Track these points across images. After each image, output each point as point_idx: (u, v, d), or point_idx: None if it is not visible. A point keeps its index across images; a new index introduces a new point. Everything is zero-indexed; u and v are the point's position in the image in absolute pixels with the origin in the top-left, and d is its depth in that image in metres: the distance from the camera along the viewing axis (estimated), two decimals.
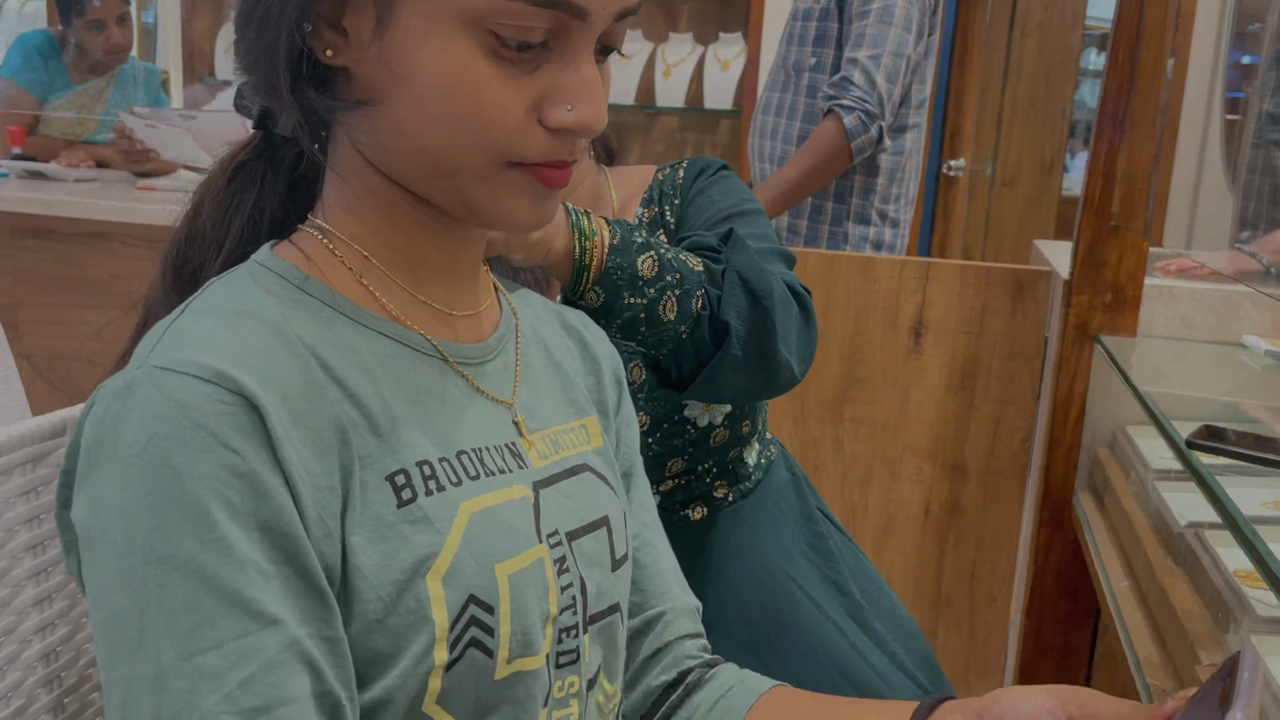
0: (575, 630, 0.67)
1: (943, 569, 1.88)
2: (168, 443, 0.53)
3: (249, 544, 0.53)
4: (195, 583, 0.52)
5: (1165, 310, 1.73)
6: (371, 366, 0.61)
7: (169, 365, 0.55)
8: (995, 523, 1.86)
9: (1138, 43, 1.59)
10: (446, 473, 0.62)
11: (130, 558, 0.53)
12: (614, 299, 0.89)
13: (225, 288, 0.62)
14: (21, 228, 2.39)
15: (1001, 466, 1.84)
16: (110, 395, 0.56)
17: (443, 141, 0.59)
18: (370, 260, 0.64)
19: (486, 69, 0.57)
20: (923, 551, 1.88)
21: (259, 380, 0.55)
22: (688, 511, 1.10)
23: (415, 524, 0.59)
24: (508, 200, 0.61)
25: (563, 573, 0.66)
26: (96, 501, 0.54)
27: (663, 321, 0.91)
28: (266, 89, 0.63)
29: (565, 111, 0.59)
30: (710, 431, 1.08)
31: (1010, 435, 1.83)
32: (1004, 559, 1.87)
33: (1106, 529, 1.51)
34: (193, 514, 0.52)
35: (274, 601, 0.53)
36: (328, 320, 0.61)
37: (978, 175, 3.76)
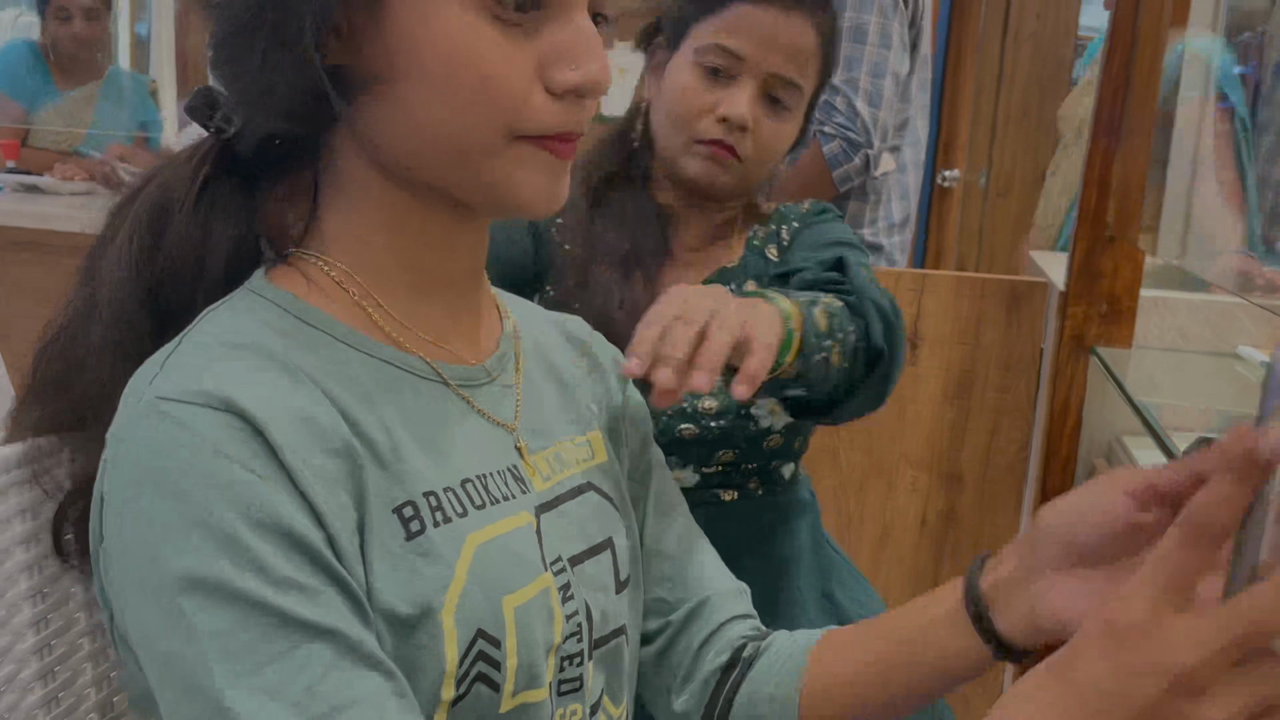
0: (580, 658, 0.66)
1: (939, 579, 1.88)
2: (183, 470, 0.52)
3: (284, 561, 0.52)
4: (239, 605, 0.51)
5: (1161, 322, 1.73)
6: (374, 396, 0.60)
7: (171, 395, 0.54)
8: (992, 533, 1.86)
9: (1132, 52, 1.60)
10: (452, 503, 0.61)
11: (167, 596, 0.52)
12: (806, 365, 0.91)
13: (223, 318, 0.60)
14: (15, 241, 2.38)
15: (998, 477, 1.84)
16: (115, 440, 0.55)
17: (452, 118, 0.58)
18: (371, 279, 0.63)
19: (487, 34, 0.57)
20: (919, 561, 1.88)
21: (265, 408, 0.54)
22: (719, 491, 1.14)
23: (425, 557, 0.58)
24: (519, 177, 0.60)
25: (568, 600, 0.65)
26: (124, 554, 0.54)
27: (836, 368, 0.95)
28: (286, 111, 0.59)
29: (571, 71, 0.59)
30: (767, 435, 1.12)
31: (1006, 446, 1.83)
32: None
33: None
34: (222, 538, 0.52)
35: (321, 613, 0.53)
36: (328, 349, 0.60)
37: (971, 185, 3.77)
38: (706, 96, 1.09)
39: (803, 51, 1.09)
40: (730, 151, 1.09)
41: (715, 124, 1.09)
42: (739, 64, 1.08)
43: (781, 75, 1.09)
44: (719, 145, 1.09)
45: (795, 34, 1.09)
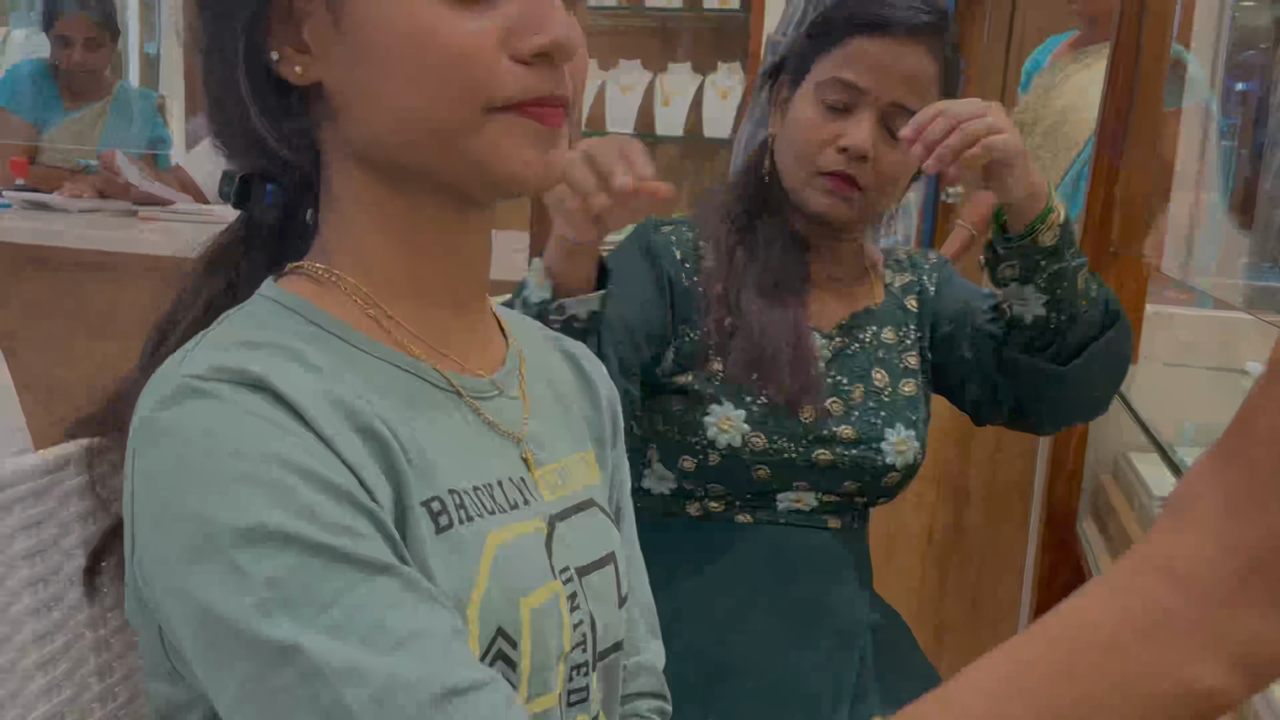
0: (585, 668, 0.66)
1: (945, 593, 1.87)
2: (224, 432, 0.53)
3: (336, 509, 0.53)
4: (293, 549, 0.51)
5: (1167, 336, 1.73)
6: (393, 395, 0.61)
7: (202, 374, 0.55)
8: (998, 547, 1.85)
9: (1135, 67, 1.60)
10: (473, 504, 0.61)
11: (220, 554, 0.51)
12: (1066, 245, 1.10)
13: (242, 321, 0.61)
14: (24, 258, 2.39)
15: (1004, 492, 1.84)
16: (146, 424, 0.55)
17: (423, 100, 0.58)
18: (375, 288, 0.64)
19: (444, 11, 0.57)
20: (925, 576, 1.87)
21: (295, 388, 0.55)
22: (828, 517, 1.18)
23: (453, 551, 0.59)
24: (507, 151, 0.59)
25: (575, 609, 0.66)
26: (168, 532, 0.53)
27: (1079, 286, 1.11)
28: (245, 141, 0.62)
29: (535, 36, 0.58)
30: (887, 471, 1.16)
31: (1012, 459, 1.83)
32: (1007, 584, 1.86)
33: (1111, 556, 1.50)
34: (270, 489, 0.52)
35: (376, 552, 0.53)
36: (345, 353, 0.61)
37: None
38: (827, 129, 1.12)
39: (920, 79, 1.11)
40: (852, 184, 1.12)
41: (836, 155, 1.11)
42: (858, 95, 1.11)
43: (901, 104, 1.11)
44: (840, 178, 1.12)
45: (912, 62, 1.11)
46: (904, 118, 1.09)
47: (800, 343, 1.12)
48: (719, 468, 1.13)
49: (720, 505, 1.16)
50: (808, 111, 1.14)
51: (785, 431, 1.12)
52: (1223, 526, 0.38)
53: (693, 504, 1.17)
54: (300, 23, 0.60)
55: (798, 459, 1.13)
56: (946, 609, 1.88)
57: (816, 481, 1.15)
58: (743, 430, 1.11)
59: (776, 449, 1.12)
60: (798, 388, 1.11)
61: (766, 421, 1.12)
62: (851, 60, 1.12)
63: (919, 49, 1.11)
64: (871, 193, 1.13)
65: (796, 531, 1.16)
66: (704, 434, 1.12)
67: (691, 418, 1.12)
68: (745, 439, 1.11)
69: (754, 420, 1.12)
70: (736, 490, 1.15)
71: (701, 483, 1.15)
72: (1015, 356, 1.16)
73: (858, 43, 1.12)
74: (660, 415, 1.15)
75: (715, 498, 1.16)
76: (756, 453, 1.12)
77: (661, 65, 3.55)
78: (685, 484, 1.16)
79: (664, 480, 1.17)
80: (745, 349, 1.11)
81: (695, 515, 1.17)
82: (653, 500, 1.18)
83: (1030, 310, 1.13)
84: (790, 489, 1.15)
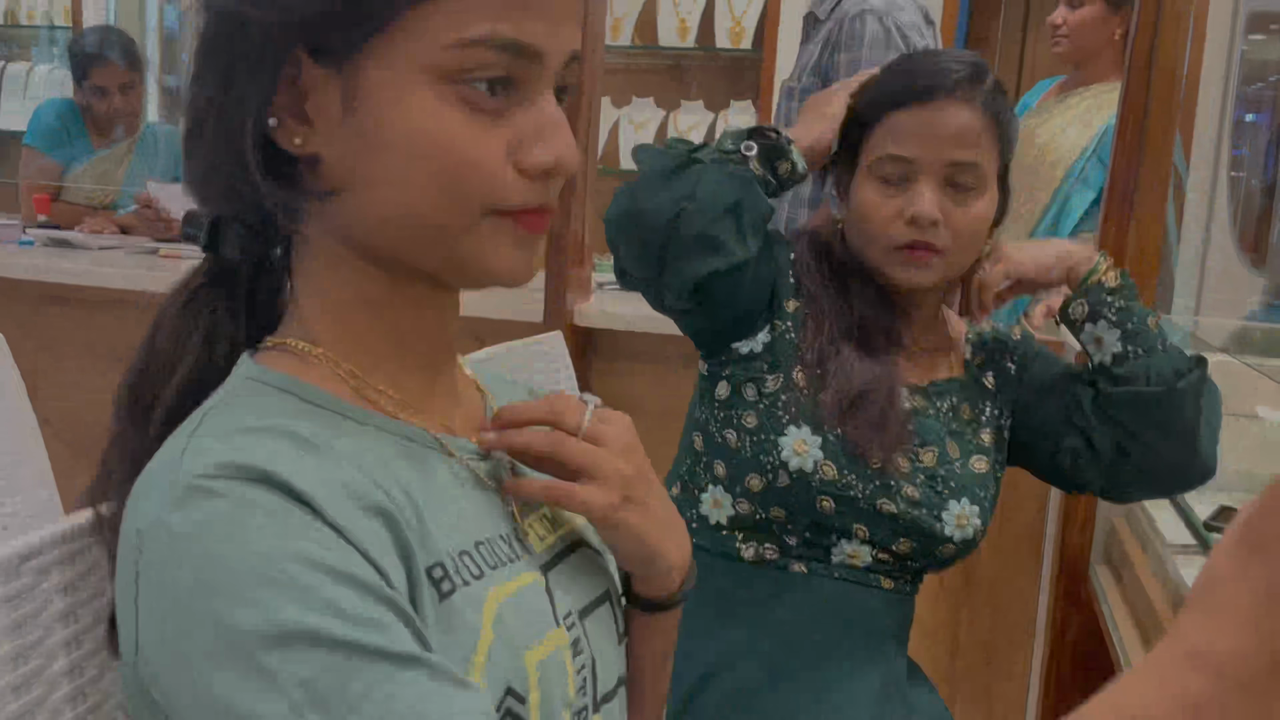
0: (586, 712, 0.67)
1: (958, 642, 1.87)
2: (241, 534, 0.52)
3: (358, 601, 0.52)
4: (322, 648, 0.51)
5: None
6: (389, 464, 0.61)
7: (207, 473, 0.54)
8: (1010, 595, 1.85)
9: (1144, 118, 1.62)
10: (470, 565, 0.62)
11: (244, 658, 0.51)
12: (1128, 284, 1.18)
13: (229, 414, 0.60)
14: (45, 295, 2.42)
15: (1016, 538, 1.84)
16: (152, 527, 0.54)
17: (427, 201, 0.59)
18: (353, 356, 0.64)
19: (459, 118, 0.59)
20: (937, 624, 1.87)
21: (299, 477, 0.55)
22: (881, 577, 1.19)
23: (457, 616, 0.59)
24: (491, 251, 0.61)
25: (578, 654, 0.67)
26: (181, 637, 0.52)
27: (1149, 324, 1.17)
28: (226, 194, 0.62)
29: (539, 152, 0.60)
30: (943, 541, 1.17)
31: (1024, 505, 1.83)
32: (1020, 632, 1.86)
33: (1125, 604, 1.50)
34: (292, 588, 0.51)
35: (402, 644, 0.53)
36: (338, 425, 0.61)
37: None
38: (891, 204, 1.14)
39: (967, 133, 1.13)
40: (928, 249, 1.13)
41: (906, 227, 1.13)
42: (910, 166, 1.13)
43: (955, 161, 1.13)
44: (916, 248, 1.14)
45: (953, 120, 1.13)
46: (963, 172, 1.13)
47: (891, 395, 1.14)
48: (786, 490, 1.13)
49: (775, 550, 1.17)
50: (868, 192, 1.16)
51: (855, 469, 1.13)
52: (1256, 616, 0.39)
53: (748, 544, 1.17)
54: (306, 94, 0.60)
55: (862, 500, 1.14)
56: (959, 657, 1.88)
57: (874, 532, 1.15)
58: (816, 457, 1.12)
59: (845, 484, 1.13)
60: (881, 437, 1.13)
61: (839, 454, 1.13)
62: (895, 134, 1.14)
63: (957, 105, 1.12)
64: (951, 254, 1.15)
65: (850, 587, 1.17)
66: (777, 453, 1.13)
67: (766, 435, 1.14)
68: (818, 465, 1.12)
69: (829, 449, 1.13)
70: (797, 521, 1.15)
71: (764, 507, 1.15)
72: (1110, 391, 1.17)
73: (896, 117, 1.14)
74: (734, 430, 1.16)
75: (772, 535, 1.16)
76: (825, 481, 1.13)
77: (674, 103, 3.58)
78: (744, 509, 1.16)
79: (720, 507, 1.18)
80: (842, 389, 1.13)
81: (749, 559, 1.18)
82: (706, 534, 1.18)
83: (1108, 348, 1.16)
84: (850, 535, 1.15)
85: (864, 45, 1.88)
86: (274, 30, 0.58)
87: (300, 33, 0.58)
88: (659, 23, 3.51)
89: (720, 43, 3.48)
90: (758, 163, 1.14)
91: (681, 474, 1.23)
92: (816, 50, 2.00)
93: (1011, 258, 1.18)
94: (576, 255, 2.12)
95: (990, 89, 1.14)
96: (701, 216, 1.07)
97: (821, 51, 1.97)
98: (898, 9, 1.91)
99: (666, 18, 3.50)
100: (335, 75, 0.59)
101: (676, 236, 1.08)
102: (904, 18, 1.91)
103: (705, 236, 1.08)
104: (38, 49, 4.18)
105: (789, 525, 1.16)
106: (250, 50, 0.58)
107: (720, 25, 3.45)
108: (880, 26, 1.87)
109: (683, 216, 1.07)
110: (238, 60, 0.59)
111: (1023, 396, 1.24)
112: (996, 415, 1.23)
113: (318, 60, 0.59)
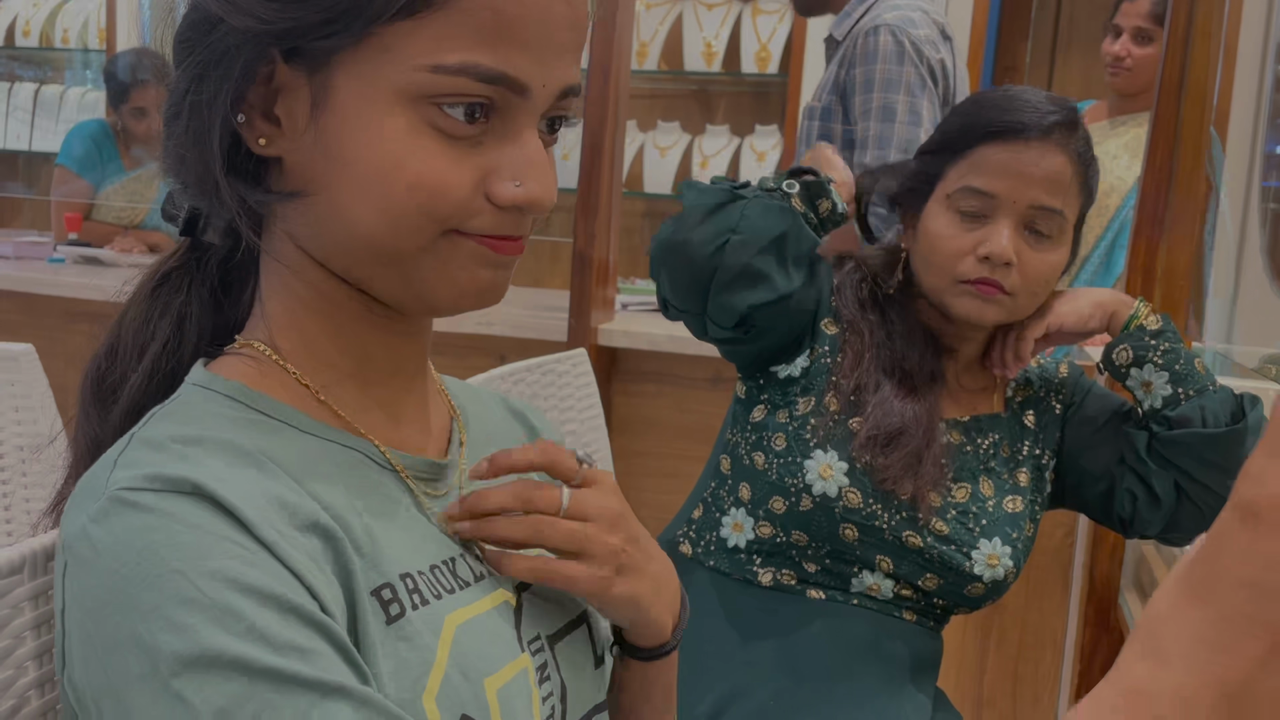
0: None
1: (985, 668, 1.84)
2: (163, 550, 0.50)
3: (282, 625, 0.50)
4: (240, 675, 0.48)
5: None
6: (336, 480, 0.59)
7: (134, 485, 0.52)
8: (1038, 620, 1.82)
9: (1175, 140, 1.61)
10: (429, 586, 0.59)
11: (159, 683, 0.48)
12: (1171, 328, 1.17)
13: (173, 417, 0.58)
14: (75, 311, 2.45)
15: (1044, 563, 1.81)
16: (77, 539, 0.52)
17: (385, 224, 0.56)
18: (316, 365, 0.62)
19: (429, 145, 0.56)
20: (964, 649, 1.84)
21: (231, 489, 0.52)
22: (904, 611, 1.18)
23: (406, 640, 0.56)
24: (456, 271, 0.58)
25: (544, 681, 0.64)
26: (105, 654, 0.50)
27: (1196, 366, 1.15)
28: (197, 185, 0.60)
29: (514, 187, 0.58)
30: (972, 580, 1.15)
31: (1052, 529, 1.81)
32: (1048, 658, 1.83)
33: None
34: (213, 610, 0.49)
35: (327, 671, 0.50)
36: (285, 436, 0.59)
37: None
38: (966, 239, 1.11)
39: (1057, 179, 1.10)
40: (997, 288, 1.11)
41: (978, 264, 1.11)
42: (992, 203, 1.10)
43: (1040, 205, 1.10)
44: (984, 283, 1.11)
45: (1045, 164, 1.09)
46: (1044, 219, 1.10)
47: (930, 435, 1.12)
48: (808, 514, 1.12)
49: (793, 576, 1.16)
50: (943, 224, 1.13)
51: (881, 498, 1.12)
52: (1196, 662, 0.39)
53: (765, 569, 1.16)
54: (277, 94, 0.58)
55: (887, 531, 1.12)
56: (986, 684, 1.85)
57: (899, 565, 1.14)
58: (841, 483, 1.11)
59: (869, 513, 1.12)
60: (915, 477, 1.11)
61: (865, 482, 1.12)
62: (981, 167, 1.10)
63: (1051, 149, 1.09)
64: (1020, 297, 1.12)
65: (870, 616, 1.15)
66: (802, 476, 1.12)
67: (793, 458, 1.13)
68: (842, 491, 1.11)
69: (855, 476, 1.12)
70: (817, 547, 1.14)
71: (785, 530, 1.14)
72: (1166, 435, 1.15)
73: (987, 149, 1.10)
74: (763, 452, 1.15)
75: (791, 561, 1.15)
76: (849, 509, 1.12)
77: (700, 127, 3.59)
78: (765, 531, 1.15)
79: (741, 531, 1.17)
80: (879, 425, 1.12)
81: (765, 584, 1.17)
82: (724, 557, 1.18)
83: (1158, 392, 1.15)
84: (872, 566, 1.14)
85: (878, 59, 1.88)
86: (249, 33, 0.56)
87: (275, 38, 0.56)
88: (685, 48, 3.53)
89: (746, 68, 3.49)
90: (800, 200, 1.14)
91: (704, 497, 1.22)
92: (834, 68, 2.01)
93: (1051, 309, 1.17)
94: (601, 275, 2.12)
95: (1084, 138, 1.12)
96: (746, 249, 1.07)
97: (839, 68, 1.98)
98: (912, 24, 1.90)
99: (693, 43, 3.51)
100: (305, 80, 0.57)
101: (722, 268, 1.08)
102: (918, 32, 1.90)
103: (750, 269, 1.08)
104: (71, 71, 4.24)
105: (809, 551, 1.15)
106: (224, 47, 0.57)
107: (746, 50, 3.46)
108: (894, 40, 1.88)
109: (728, 249, 1.07)
110: (211, 55, 0.57)
111: (1070, 436, 1.22)
112: (1037, 455, 1.22)
113: (290, 63, 0.57)
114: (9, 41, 4.05)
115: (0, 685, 0.64)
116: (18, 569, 0.65)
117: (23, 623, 0.65)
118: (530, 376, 1.46)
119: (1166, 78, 1.58)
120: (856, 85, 1.92)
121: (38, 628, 0.66)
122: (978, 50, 3.11)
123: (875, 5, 1.95)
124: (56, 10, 4.02)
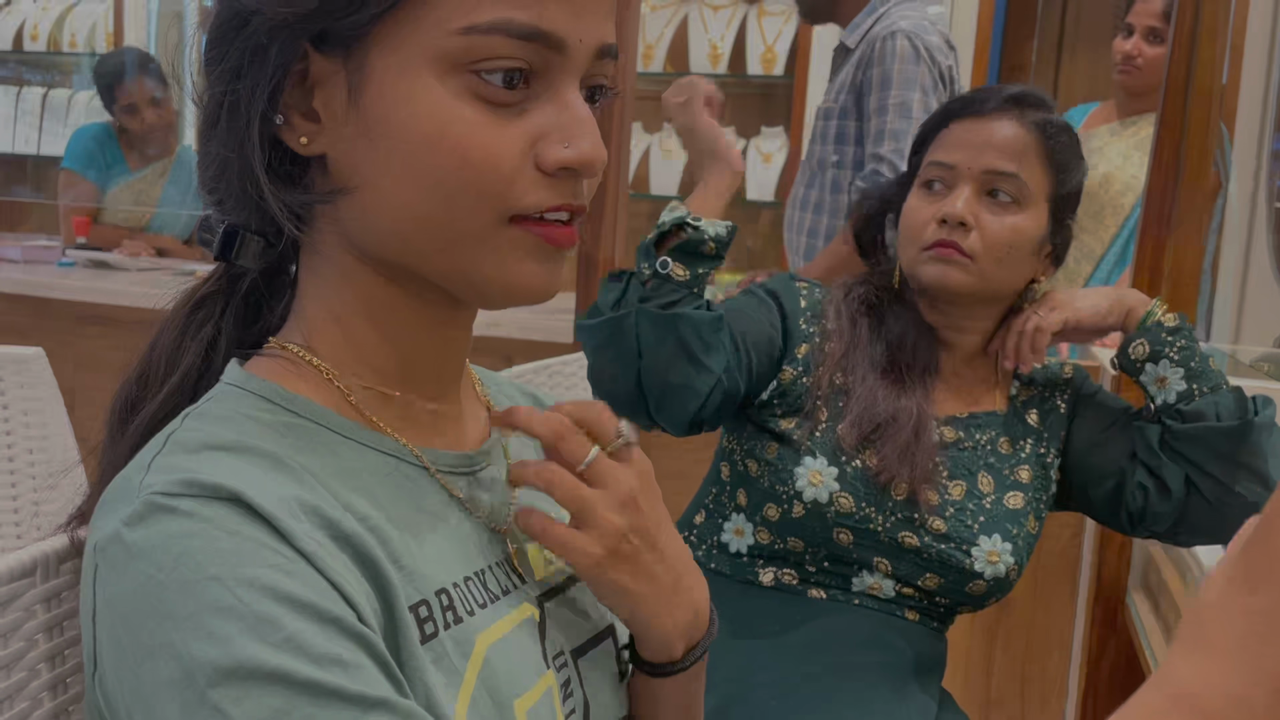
0: None
1: (992, 669, 1.84)
2: (200, 556, 0.48)
3: (321, 637, 0.48)
4: (279, 688, 0.47)
5: None
6: (373, 489, 0.58)
7: (170, 490, 0.50)
8: (1045, 621, 1.82)
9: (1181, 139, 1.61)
10: (462, 601, 0.58)
11: (194, 690, 0.47)
12: (1187, 326, 1.18)
13: (207, 419, 0.56)
14: (84, 315, 2.46)
15: (1051, 563, 1.81)
16: (111, 543, 0.51)
17: (437, 203, 0.55)
18: (354, 367, 0.61)
19: (472, 114, 0.54)
20: (971, 650, 1.84)
21: (267, 497, 0.51)
22: (906, 610, 1.18)
23: (438, 660, 0.55)
24: (513, 265, 0.57)
25: (568, 697, 0.63)
26: (140, 661, 0.48)
27: (1211, 365, 1.17)
28: (239, 195, 0.59)
29: (563, 149, 0.56)
30: (973, 577, 1.15)
31: (1059, 530, 1.81)
32: (1056, 659, 1.83)
33: (1163, 630, 1.48)
34: (252, 620, 0.48)
35: (368, 684, 0.49)
36: (323, 441, 0.57)
37: None
38: (929, 209, 1.16)
39: (1011, 145, 1.15)
40: (955, 248, 1.14)
41: (937, 228, 1.15)
42: (951, 173, 1.16)
43: (994, 169, 1.15)
44: (942, 244, 1.14)
45: (1000, 132, 1.15)
46: (1001, 181, 1.14)
47: (920, 425, 1.13)
48: (801, 521, 1.13)
49: (794, 576, 1.16)
50: (912, 200, 1.19)
51: (874, 501, 1.12)
52: (1245, 654, 0.38)
53: (767, 570, 1.17)
54: (313, 89, 0.57)
55: (882, 533, 1.13)
56: (994, 685, 1.85)
57: (897, 566, 1.14)
58: (832, 488, 1.12)
59: (863, 516, 1.12)
60: (909, 467, 1.12)
61: (857, 486, 1.12)
62: (944, 145, 1.18)
63: (1008, 120, 1.15)
64: (981, 260, 1.14)
65: (872, 615, 1.15)
66: (793, 483, 1.13)
67: (783, 465, 1.13)
68: (833, 497, 1.12)
69: (845, 481, 1.12)
70: (814, 551, 1.15)
71: (781, 536, 1.15)
72: (1179, 428, 1.16)
73: (951, 128, 1.18)
74: (755, 460, 1.16)
75: (791, 563, 1.16)
76: (841, 514, 1.12)
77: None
78: (764, 537, 1.16)
79: (742, 536, 1.18)
80: (862, 417, 1.13)
81: (767, 584, 1.17)
82: (726, 561, 1.18)
83: (1172, 387, 1.16)
84: (870, 567, 1.15)
85: (895, 60, 1.95)
86: (281, 22, 0.55)
87: (306, 23, 0.55)
88: (691, 50, 3.53)
89: (752, 69, 3.49)
90: (680, 269, 1.08)
91: (706, 502, 1.23)
92: (849, 70, 2.05)
93: (1069, 304, 1.19)
94: None
95: (1043, 111, 1.16)
96: (657, 373, 1.06)
97: (855, 71, 2.02)
98: (925, 31, 1.99)
99: (698, 45, 3.51)
100: (341, 66, 0.56)
101: (649, 394, 1.08)
102: (931, 40, 1.99)
103: (670, 386, 1.07)
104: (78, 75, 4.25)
105: (807, 555, 1.16)
106: (257, 43, 0.56)
107: (752, 52, 3.47)
108: (910, 45, 1.95)
109: (642, 376, 1.06)
110: (244, 53, 0.56)
111: (1077, 434, 1.22)
112: (1041, 454, 1.22)
113: (323, 50, 0.56)
114: (17, 46, 4.07)
115: (13, 688, 0.64)
116: (30, 572, 0.65)
117: (34, 625, 0.66)
118: (537, 378, 1.46)
119: (1172, 77, 1.58)
120: (874, 84, 1.99)
121: (49, 630, 0.66)
122: (983, 50, 3.10)
123: (886, 15, 2.02)
124: (64, 15, 4.03)
